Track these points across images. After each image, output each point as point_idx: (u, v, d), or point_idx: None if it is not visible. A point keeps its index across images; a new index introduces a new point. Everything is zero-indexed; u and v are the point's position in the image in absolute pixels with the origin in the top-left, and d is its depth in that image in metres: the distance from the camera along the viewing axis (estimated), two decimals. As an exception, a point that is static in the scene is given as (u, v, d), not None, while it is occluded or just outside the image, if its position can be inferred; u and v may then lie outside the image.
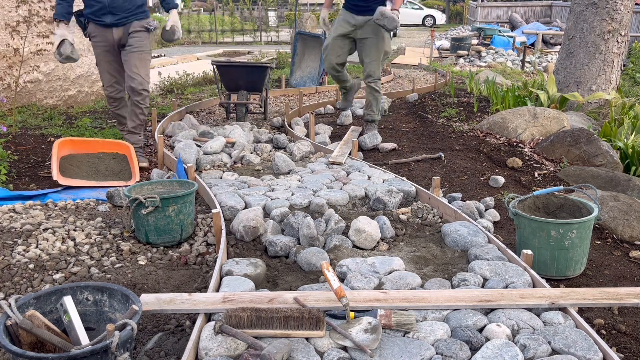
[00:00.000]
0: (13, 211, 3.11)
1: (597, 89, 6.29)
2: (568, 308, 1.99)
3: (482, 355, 1.71)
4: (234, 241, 2.78)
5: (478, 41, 14.36)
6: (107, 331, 1.57)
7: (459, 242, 2.66)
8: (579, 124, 5.35)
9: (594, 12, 6.16)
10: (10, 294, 2.27)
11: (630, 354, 1.95)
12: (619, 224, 3.02)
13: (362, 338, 1.78)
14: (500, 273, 2.28)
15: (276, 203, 3.11)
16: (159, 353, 1.93)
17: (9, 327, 1.60)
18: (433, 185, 3.36)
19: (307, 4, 19.27)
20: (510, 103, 6.17)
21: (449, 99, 6.96)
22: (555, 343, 1.78)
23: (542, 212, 2.76)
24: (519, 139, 4.94)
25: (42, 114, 5.73)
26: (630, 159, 4.37)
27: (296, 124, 5.62)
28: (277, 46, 16.12)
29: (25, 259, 2.51)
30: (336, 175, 3.73)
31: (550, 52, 13.49)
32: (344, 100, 5.54)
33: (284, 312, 1.82)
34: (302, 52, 8.64)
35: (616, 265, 2.69)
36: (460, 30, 22.28)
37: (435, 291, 2.11)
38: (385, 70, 10.49)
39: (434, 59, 12.96)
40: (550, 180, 3.91)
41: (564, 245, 2.46)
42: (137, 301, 1.76)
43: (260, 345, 1.71)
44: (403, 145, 4.87)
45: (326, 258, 2.50)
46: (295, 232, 2.78)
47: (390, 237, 2.85)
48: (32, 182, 3.74)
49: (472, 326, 1.89)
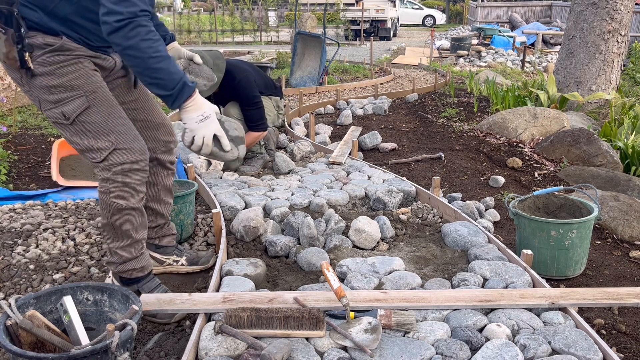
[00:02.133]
0: (13, 211, 3.11)
1: (597, 89, 6.29)
2: (568, 308, 1.99)
3: (482, 355, 1.71)
4: (234, 241, 2.77)
5: (478, 41, 14.36)
6: (107, 331, 1.57)
7: (459, 242, 2.66)
8: (579, 124, 5.35)
9: (594, 12, 6.16)
10: (10, 294, 2.27)
11: (630, 354, 1.95)
12: (619, 224, 3.02)
13: (362, 338, 1.78)
14: (500, 273, 2.28)
15: (276, 203, 3.11)
16: (159, 353, 1.93)
17: (9, 327, 1.60)
18: (433, 185, 3.36)
19: (307, 4, 19.27)
20: (510, 103, 6.17)
21: (449, 99, 6.96)
22: (555, 343, 1.78)
23: (542, 212, 2.76)
24: (519, 139, 4.94)
25: (42, 114, 5.73)
26: (630, 159, 4.37)
27: (296, 124, 5.62)
28: (277, 46, 16.13)
29: (25, 259, 2.51)
30: (336, 175, 3.73)
31: (550, 52, 13.49)
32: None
33: (284, 312, 1.82)
34: (302, 52, 8.64)
35: (616, 265, 2.69)
36: (460, 30, 22.30)
37: (435, 291, 2.11)
38: (386, 70, 10.50)
39: (434, 59, 12.96)
40: (550, 180, 3.91)
41: (564, 245, 2.46)
42: (137, 301, 1.76)
43: (260, 345, 1.71)
44: (403, 145, 4.87)
45: (326, 258, 2.50)
46: (295, 232, 2.78)
47: (390, 237, 2.85)
48: (32, 182, 3.74)
49: (472, 326, 1.89)
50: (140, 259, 2.10)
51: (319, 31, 11.70)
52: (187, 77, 1.93)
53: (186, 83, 1.88)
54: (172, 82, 1.84)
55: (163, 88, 1.85)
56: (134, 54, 1.79)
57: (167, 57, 1.84)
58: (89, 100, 1.92)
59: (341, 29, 18.79)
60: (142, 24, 1.77)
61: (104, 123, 1.93)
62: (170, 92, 1.86)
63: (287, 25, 17.74)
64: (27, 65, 1.86)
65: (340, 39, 17.97)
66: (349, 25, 19.11)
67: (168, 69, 1.84)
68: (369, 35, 17.53)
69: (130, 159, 1.94)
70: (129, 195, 1.97)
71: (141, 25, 1.76)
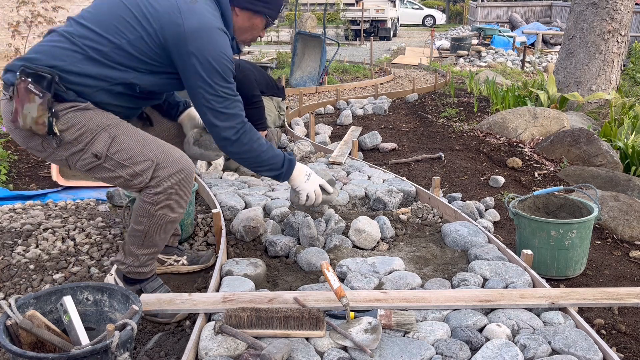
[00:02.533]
0: (13, 211, 3.11)
1: (597, 89, 6.29)
2: (568, 308, 1.99)
3: (482, 355, 1.71)
4: (234, 241, 2.77)
5: (478, 41, 14.36)
6: (107, 331, 1.57)
7: (459, 242, 2.66)
8: (579, 124, 5.35)
9: (594, 12, 6.16)
10: (10, 294, 2.27)
11: (630, 354, 1.95)
12: (619, 224, 3.02)
13: (362, 338, 1.78)
14: (500, 273, 2.28)
15: (276, 203, 3.11)
16: (159, 353, 1.93)
17: (9, 327, 1.60)
18: (433, 185, 3.36)
19: (307, 4, 19.24)
20: (510, 103, 6.17)
21: (449, 99, 6.96)
22: (555, 343, 1.78)
23: (542, 212, 2.76)
24: (519, 139, 4.94)
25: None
26: (630, 159, 4.37)
27: (296, 124, 5.62)
28: (277, 46, 16.11)
29: (25, 259, 2.51)
30: (336, 175, 3.73)
31: (550, 52, 13.49)
32: None
33: (284, 312, 1.82)
34: (302, 52, 8.64)
35: (616, 265, 2.69)
36: (460, 30, 22.30)
37: (435, 291, 2.11)
38: (386, 70, 10.50)
39: (434, 59, 12.96)
40: (550, 180, 3.91)
41: (564, 245, 2.46)
42: (137, 301, 1.76)
43: (260, 345, 1.71)
44: (403, 145, 4.87)
45: (326, 258, 2.50)
46: (295, 232, 2.78)
47: (390, 237, 2.85)
48: (32, 182, 3.74)
49: (472, 326, 1.89)
50: (152, 264, 2.11)
51: (319, 31, 11.70)
52: (287, 153, 2.23)
53: (291, 160, 2.22)
54: (279, 163, 2.18)
55: (274, 170, 2.17)
56: (249, 156, 2.07)
57: (269, 146, 2.13)
58: (112, 131, 1.90)
59: (341, 29, 18.78)
60: (249, 129, 2.04)
61: (136, 146, 1.91)
62: (280, 171, 2.19)
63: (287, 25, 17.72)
64: (54, 131, 1.85)
65: (340, 39, 17.97)
66: (349, 25, 19.11)
67: (274, 156, 2.15)
68: (369, 35, 17.52)
69: (176, 169, 1.91)
70: (175, 208, 1.96)
71: (248, 130, 2.03)
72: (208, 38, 1.87)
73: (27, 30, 5.22)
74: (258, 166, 2.15)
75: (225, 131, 1.99)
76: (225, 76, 1.93)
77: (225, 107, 1.96)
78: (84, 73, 1.86)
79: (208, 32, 1.87)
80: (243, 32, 2.12)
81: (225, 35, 1.94)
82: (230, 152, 2.07)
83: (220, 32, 1.91)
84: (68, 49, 1.85)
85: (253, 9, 2.06)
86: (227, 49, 1.92)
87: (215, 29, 1.89)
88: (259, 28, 2.13)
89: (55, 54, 1.84)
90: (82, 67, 1.85)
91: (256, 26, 2.12)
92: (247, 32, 2.12)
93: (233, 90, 1.98)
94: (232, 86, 1.98)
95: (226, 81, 1.94)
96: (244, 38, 2.14)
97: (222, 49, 1.90)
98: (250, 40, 2.17)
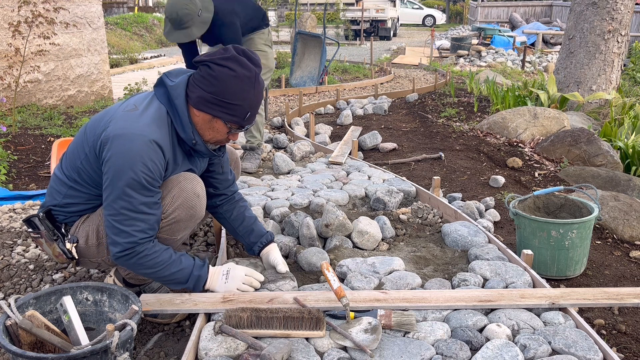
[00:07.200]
0: (13, 211, 3.11)
1: (597, 88, 6.28)
2: (568, 308, 1.99)
3: (483, 355, 1.71)
4: (234, 241, 2.77)
5: (478, 41, 14.36)
6: (107, 331, 1.57)
7: (459, 242, 2.66)
8: (579, 123, 5.35)
9: (594, 12, 6.16)
10: (10, 294, 2.27)
11: (631, 354, 1.95)
12: (619, 224, 3.02)
13: (362, 338, 1.78)
14: (500, 273, 2.28)
15: (276, 203, 3.10)
16: (158, 353, 1.93)
17: (9, 327, 1.60)
18: (433, 185, 3.36)
19: (307, 4, 19.23)
20: (511, 103, 6.17)
21: (449, 99, 6.96)
22: (555, 343, 1.78)
23: (542, 212, 2.75)
24: (519, 139, 4.94)
25: (42, 113, 5.73)
26: (630, 159, 4.37)
27: (296, 124, 5.62)
28: (277, 46, 16.10)
29: (25, 259, 2.51)
30: (336, 175, 3.73)
31: (551, 52, 13.48)
32: None
33: (284, 312, 1.82)
34: (302, 51, 8.64)
35: (616, 265, 2.69)
36: (461, 30, 22.29)
37: (435, 291, 2.11)
38: (386, 70, 10.50)
39: (434, 58, 12.96)
40: (550, 180, 3.91)
41: (564, 245, 2.46)
42: (137, 301, 1.76)
43: (260, 345, 1.70)
44: (403, 145, 4.87)
45: (326, 258, 2.50)
46: (296, 231, 2.78)
47: (391, 237, 2.85)
48: (32, 182, 3.74)
49: (472, 326, 1.89)
50: None
51: (319, 31, 11.70)
52: (197, 261, 2.02)
53: (199, 274, 1.98)
54: (184, 278, 1.96)
55: (180, 284, 1.97)
56: (143, 272, 1.91)
57: (172, 262, 1.92)
58: (93, 224, 2.01)
59: (341, 29, 18.77)
60: (140, 251, 1.84)
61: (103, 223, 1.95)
62: (186, 285, 1.98)
63: (287, 25, 17.71)
64: (72, 255, 2.00)
65: (340, 38, 17.96)
66: (349, 25, 19.10)
67: (178, 271, 1.94)
68: (369, 35, 17.52)
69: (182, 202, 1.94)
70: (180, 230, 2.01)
71: (139, 252, 1.84)
72: (128, 145, 1.77)
73: (27, 30, 5.22)
74: (160, 280, 1.97)
75: (113, 245, 1.84)
76: (132, 188, 1.78)
77: (118, 222, 1.81)
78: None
79: (129, 139, 1.77)
80: (205, 132, 1.93)
81: (155, 147, 1.80)
82: (123, 265, 1.90)
83: (148, 143, 1.79)
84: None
85: (210, 113, 1.88)
86: (146, 161, 1.78)
87: (139, 137, 1.77)
88: (221, 132, 1.93)
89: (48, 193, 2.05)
90: None
91: (218, 129, 1.92)
92: (209, 132, 1.94)
93: (136, 206, 1.80)
94: (141, 199, 1.80)
95: (134, 191, 1.79)
96: (209, 139, 1.96)
97: (140, 159, 1.77)
98: (216, 142, 1.99)
